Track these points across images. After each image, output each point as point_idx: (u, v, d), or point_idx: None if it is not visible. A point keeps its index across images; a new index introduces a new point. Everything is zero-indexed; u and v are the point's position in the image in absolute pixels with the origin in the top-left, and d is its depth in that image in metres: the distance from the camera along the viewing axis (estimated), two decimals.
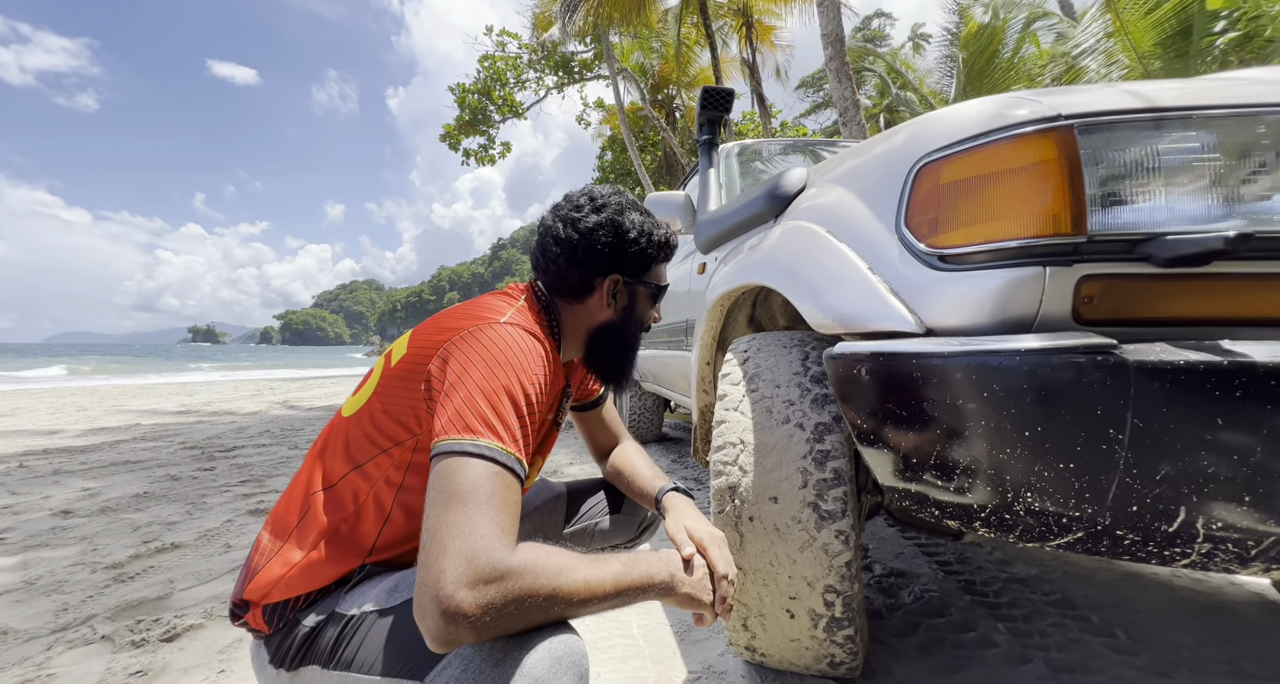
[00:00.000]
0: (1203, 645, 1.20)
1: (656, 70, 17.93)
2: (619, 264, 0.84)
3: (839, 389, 0.79)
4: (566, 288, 0.85)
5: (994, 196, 0.65)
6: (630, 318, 0.89)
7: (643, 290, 0.89)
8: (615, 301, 0.87)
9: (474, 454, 0.57)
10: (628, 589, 0.60)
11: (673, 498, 0.90)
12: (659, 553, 0.68)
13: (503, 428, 0.61)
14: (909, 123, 0.83)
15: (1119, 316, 0.60)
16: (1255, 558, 0.55)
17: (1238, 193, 0.57)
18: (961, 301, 0.66)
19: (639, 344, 0.93)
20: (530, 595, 0.52)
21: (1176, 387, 0.52)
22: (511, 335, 0.70)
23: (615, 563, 0.60)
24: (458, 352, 0.67)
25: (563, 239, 0.82)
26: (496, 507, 0.55)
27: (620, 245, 0.83)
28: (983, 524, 0.66)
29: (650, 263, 0.88)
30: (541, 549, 0.56)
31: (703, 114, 2.08)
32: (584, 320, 0.87)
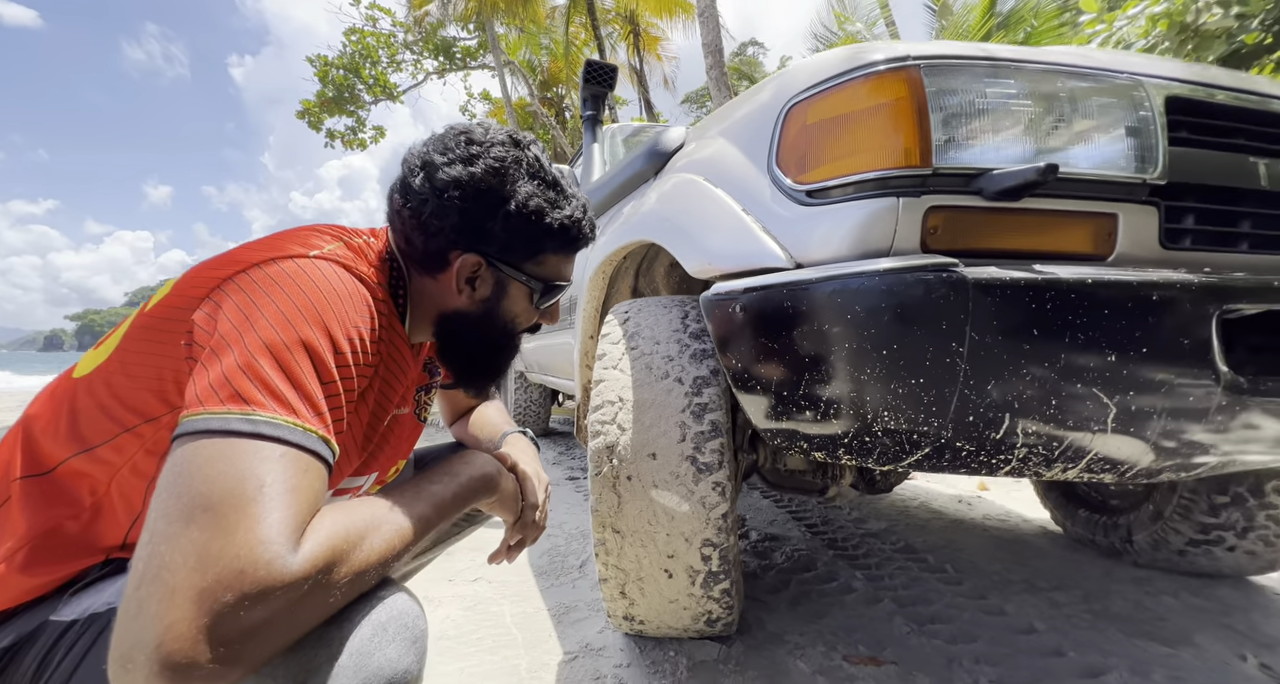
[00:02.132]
0: (1007, 570, 1.41)
1: (546, 68, 17.65)
2: (480, 239, 0.63)
3: (714, 330, 0.77)
4: (414, 253, 0.64)
5: (853, 133, 0.67)
6: (493, 315, 0.67)
7: (516, 284, 0.66)
8: (472, 289, 0.65)
9: (245, 434, 0.40)
10: (454, 505, 0.54)
11: (513, 438, 0.81)
12: (473, 452, 0.64)
13: (300, 398, 0.43)
14: (776, 74, 0.85)
15: (957, 247, 0.65)
16: (1057, 460, 0.62)
17: (1046, 139, 0.65)
18: (827, 236, 0.68)
19: (512, 346, 0.73)
20: (328, 587, 0.40)
21: (1004, 301, 0.56)
22: (322, 272, 0.51)
23: (427, 485, 0.53)
24: (236, 293, 0.48)
25: (413, 190, 0.61)
26: (278, 495, 0.39)
27: (483, 214, 0.61)
28: (845, 451, 0.68)
29: (536, 248, 0.66)
30: (326, 524, 0.42)
31: (586, 88, 2.03)
32: (433, 300, 0.67)
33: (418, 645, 0.45)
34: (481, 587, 1.34)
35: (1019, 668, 0.97)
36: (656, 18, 14.39)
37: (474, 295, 0.66)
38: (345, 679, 0.40)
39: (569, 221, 0.65)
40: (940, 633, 1.09)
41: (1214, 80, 0.73)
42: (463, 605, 1.23)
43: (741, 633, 1.08)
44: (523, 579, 1.39)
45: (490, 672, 0.96)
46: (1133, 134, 0.66)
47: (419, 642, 0.45)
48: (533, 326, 0.73)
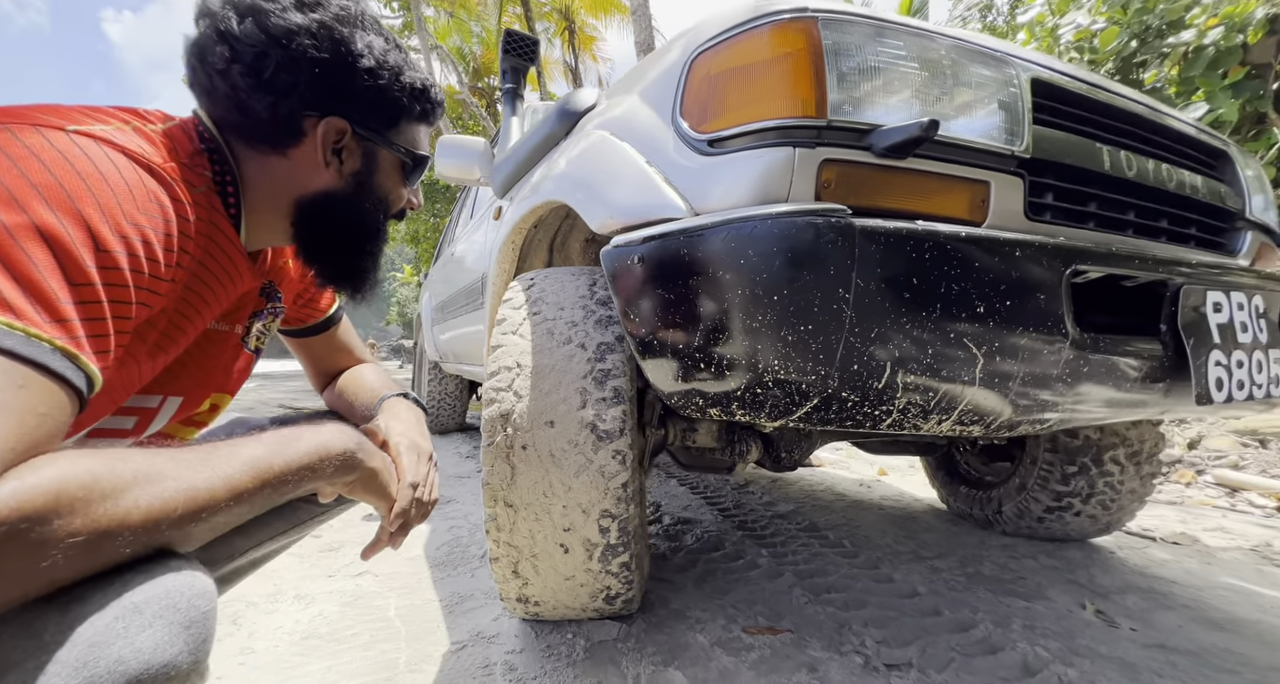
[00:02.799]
0: (897, 543, 1.50)
1: (478, 56, 17.02)
2: (343, 101, 0.55)
3: (614, 285, 0.74)
4: (252, 125, 0.54)
5: (754, 82, 0.66)
6: (366, 191, 0.61)
7: (386, 155, 0.61)
8: (340, 161, 0.58)
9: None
10: (282, 476, 0.43)
11: (391, 403, 0.70)
12: (329, 421, 0.52)
13: (26, 297, 0.34)
14: (687, 28, 0.83)
15: (848, 203, 0.65)
16: (933, 410, 0.64)
17: (933, 106, 0.68)
18: (726, 186, 0.66)
19: (383, 239, 0.66)
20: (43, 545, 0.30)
21: (888, 249, 0.57)
22: (83, 149, 0.40)
23: (251, 446, 0.43)
24: None
25: (240, 39, 0.50)
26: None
27: (344, 70, 0.54)
28: (740, 406, 0.67)
29: (398, 113, 0.60)
30: (68, 459, 0.33)
31: (505, 60, 1.94)
32: (287, 183, 0.58)
33: (194, 632, 0.35)
34: (366, 581, 1.21)
35: (902, 628, 1.02)
36: (591, 16, 14.32)
37: (343, 169, 0.59)
38: (61, 679, 0.30)
39: (425, 83, 0.61)
40: (835, 601, 1.12)
41: (1073, 73, 0.81)
42: (341, 601, 1.10)
43: (644, 612, 1.06)
44: (415, 571, 1.28)
45: (362, 668, 0.86)
46: (1004, 109, 0.71)
47: (197, 627, 0.36)
48: (399, 213, 0.67)
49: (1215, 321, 0.72)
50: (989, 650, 0.95)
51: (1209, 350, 0.71)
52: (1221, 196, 0.95)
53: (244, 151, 0.56)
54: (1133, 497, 1.39)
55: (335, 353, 0.84)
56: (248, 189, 0.57)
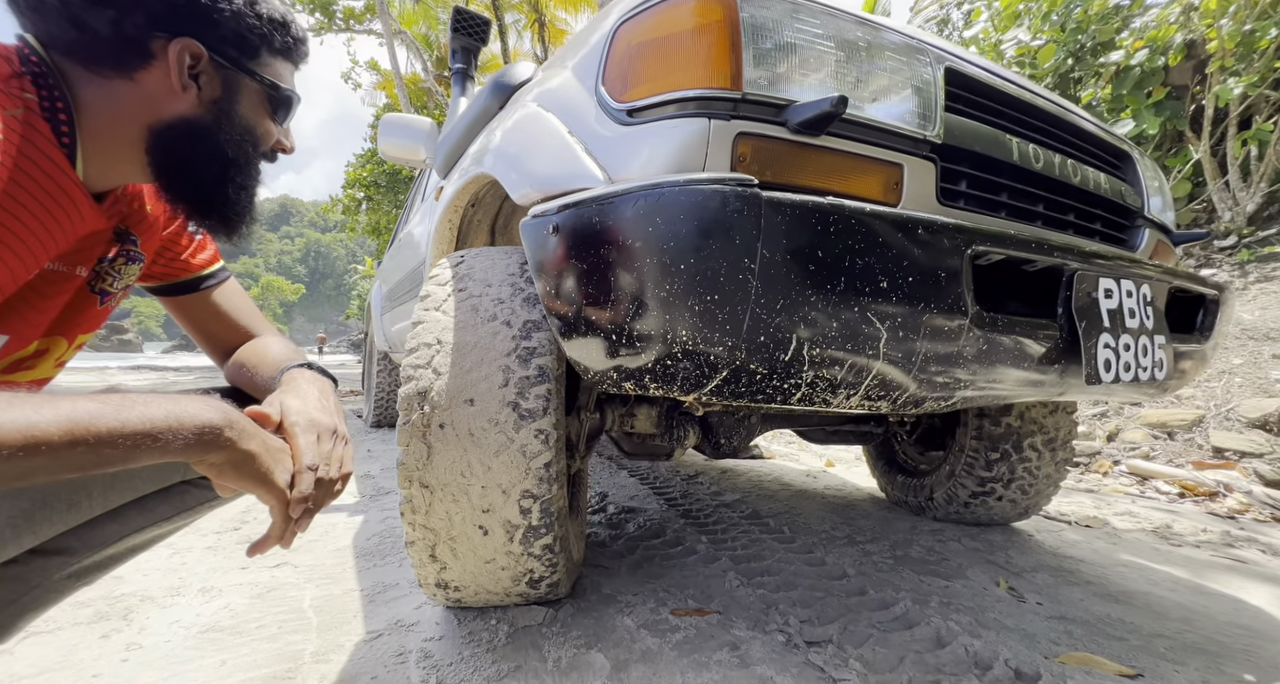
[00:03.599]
0: (834, 529, 1.54)
1: (444, 44, 16.57)
2: (196, 23, 0.54)
3: (532, 258, 0.72)
4: (88, 43, 0.51)
5: (672, 53, 0.66)
6: (232, 120, 0.59)
7: (249, 84, 0.59)
8: (199, 87, 0.56)
9: None
10: (109, 436, 0.39)
11: (292, 375, 0.65)
12: (206, 397, 0.48)
13: None
14: None
15: (764, 180, 0.66)
16: (840, 385, 0.65)
17: (849, 87, 0.69)
18: (644, 158, 0.66)
19: (256, 173, 0.64)
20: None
21: (794, 221, 0.58)
22: None
23: (86, 400, 0.39)
24: None
25: None
26: None
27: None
28: (653, 379, 0.66)
29: (259, 44, 0.59)
30: None
31: (455, 39, 1.89)
32: (135, 109, 0.55)
33: None
34: (284, 572, 1.15)
35: (827, 608, 1.04)
36: (562, 9, 14.15)
37: (202, 95, 0.57)
38: None
39: (285, 16, 0.60)
40: (766, 584, 1.14)
41: (986, 66, 0.84)
42: (252, 593, 1.04)
43: (575, 597, 1.04)
44: (340, 561, 1.22)
45: (261, 660, 0.81)
46: (918, 94, 0.72)
47: None
48: (273, 151, 0.65)
49: (1106, 307, 0.76)
50: (906, 626, 0.98)
51: (1099, 333, 0.74)
52: (1123, 194, 1.00)
53: (80, 75, 0.53)
54: (1048, 481, 1.47)
55: (220, 317, 0.78)
56: (85, 115, 0.53)
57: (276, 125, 0.65)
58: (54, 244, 0.55)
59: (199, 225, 0.66)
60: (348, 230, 17.87)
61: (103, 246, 0.63)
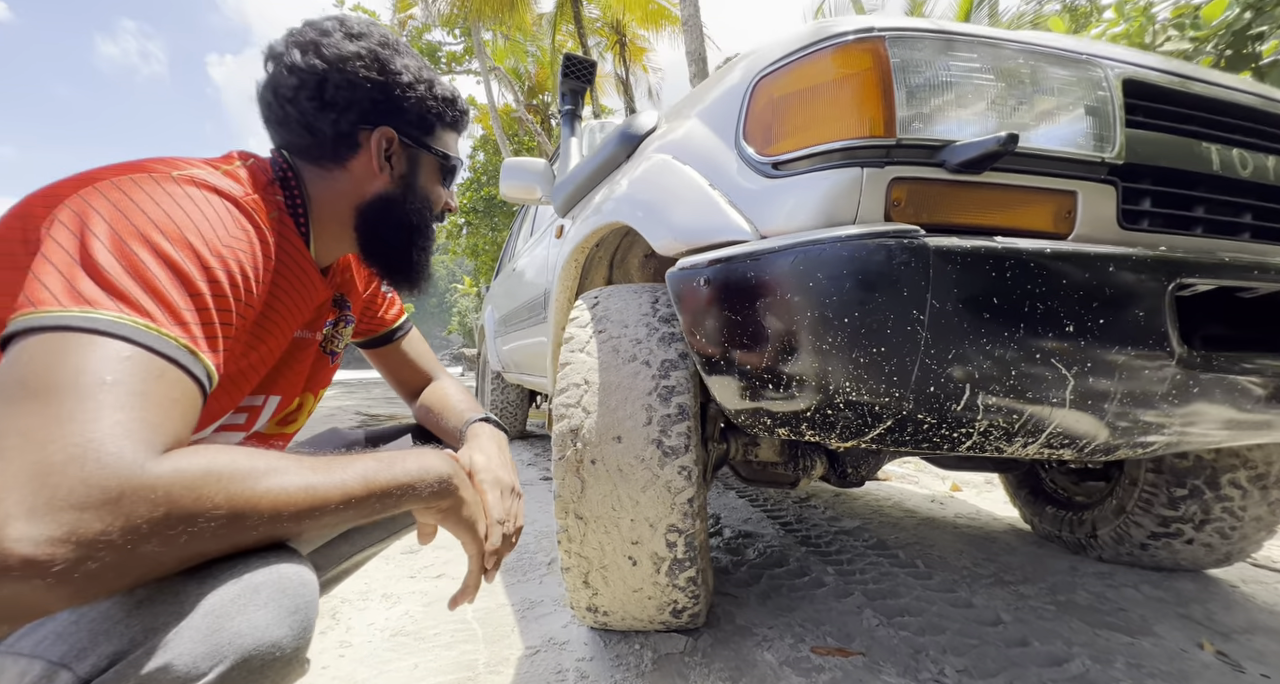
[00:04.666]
0: (976, 565, 1.42)
1: (533, 75, 17.69)
2: (390, 113, 0.64)
3: (680, 307, 0.76)
4: (317, 144, 0.62)
5: (819, 104, 0.67)
6: (413, 191, 0.68)
7: (427, 158, 0.69)
8: (391, 166, 0.66)
9: (87, 330, 0.36)
10: (387, 489, 0.46)
11: (476, 428, 0.75)
12: (431, 449, 0.56)
13: (155, 303, 0.39)
14: (746, 52, 0.84)
15: (921, 221, 0.64)
16: (1017, 433, 0.61)
17: (1008, 115, 0.65)
18: (791, 208, 0.67)
19: (431, 235, 0.73)
20: (193, 515, 0.34)
21: (965, 269, 0.56)
22: (187, 193, 0.47)
23: (366, 460, 0.47)
24: (85, 207, 0.43)
25: (304, 69, 0.59)
26: (126, 396, 0.35)
27: (389, 86, 0.62)
28: (809, 426, 0.67)
29: (434, 122, 0.68)
30: (215, 449, 0.38)
31: (564, 83, 2.02)
32: (347, 193, 0.66)
33: (298, 617, 0.39)
34: (445, 583, 1.29)
35: (985, 658, 0.96)
36: (643, 28, 14.52)
37: (393, 173, 0.66)
38: (189, 643, 0.34)
39: (453, 94, 0.69)
40: (909, 625, 1.08)
41: (1170, 67, 0.75)
42: (423, 601, 1.18)
43: (710, 626, 1.06)
44: None
45: (446, 666, 0.92)
46: (1091, 114, 0.67)
47: (301, 614, 0.40)
48: (441, 213, 0.74)
49: None
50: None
51: None
52: None
53: (310, 171, 0.65)
54: (1258, 524, 1.24)
55: (408, 363, 0.91)
56: (314, 205, 0.65)
57: (445, 190, 0.74)
58: (301, 316, 0.67)
59: (391, 284, 0.77)
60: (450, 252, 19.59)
61: (329, 313, 0.76)
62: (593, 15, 14.28)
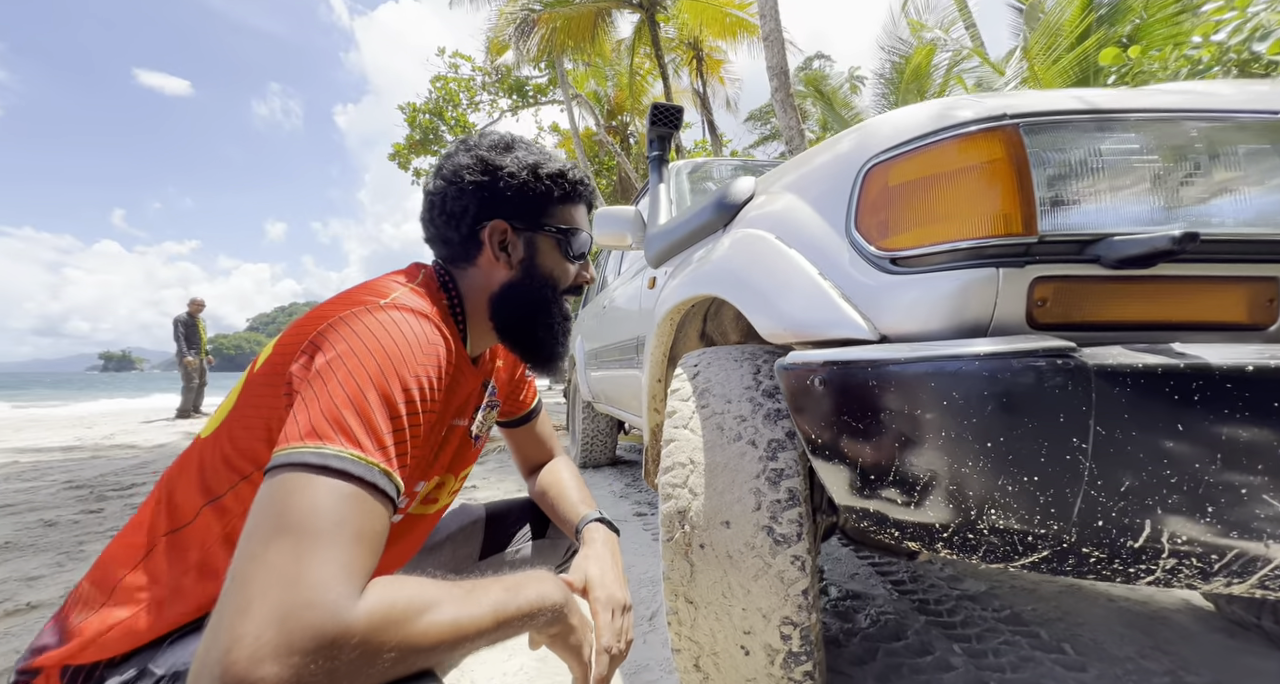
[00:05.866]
0: (1144, 657, 1.21)
1: (611, 97, 18.35)
2: (497, 206, 0.69)
3: (792, 401, 0.74)
4: (454, 250, 0.71)
5: (943, 197, 0.62)
6: (534, 274, 0.73)
7: (543, 238, 0.72)
8: (508, 254, 0.71)
9: (319, 467, 0.44)
10: (511, 619, 0.50)
11: (592, 530, 0.78)
12: (549, 574, 0.59)
13: (366, 433, 0.47)
14: (854, 128, 0.81)
15: (1072, 320, 0.58)
16: (1218, 573, 0.52)
17: (1178, 195, 0.57)
18: (915, 306, 0.63)
19: (563, 311, 0.76)
20: (376, 656, 0.40)
21: (1137, 391, 0.49)
22: (393, 319, 0.56)
23: (496, 588, 0.51)
24: (324, 343, 0.53)
25: (433, 192, 0.70)
26: (346, 540, 0.42)
27: (492, 182, 0.68)
28: (945, 545, 0.62)
29: (543, 202, 0.72)
30: (392, 585, 0.44)
31: (652, 130, 2.07)
32: (482, 287, 0.72)
33: None
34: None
35: None
36: (719, 40, 14.48)
37: (510, 260, 0.72)
38: None
39: (561, 170, 0.72)
40: None
41: None
42: (538, 655, 1.23)
43: None
44: None
45: None
46: None
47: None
48: (575, 287, 0.77)
49: None
50: None
51: None
52: None
53: (459, 274, 0.73)
54: None
55: (535, 442, 0.98)
56: (467, 304, 0.73)
57: (573, 263, 0.76)
58: (455, 407, 0.75)
59: (527, 364, 0.80)
60: None
61: (476, 399, 0.82)
62: (669, 34, 14.52)
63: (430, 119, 16.27)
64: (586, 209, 0.79)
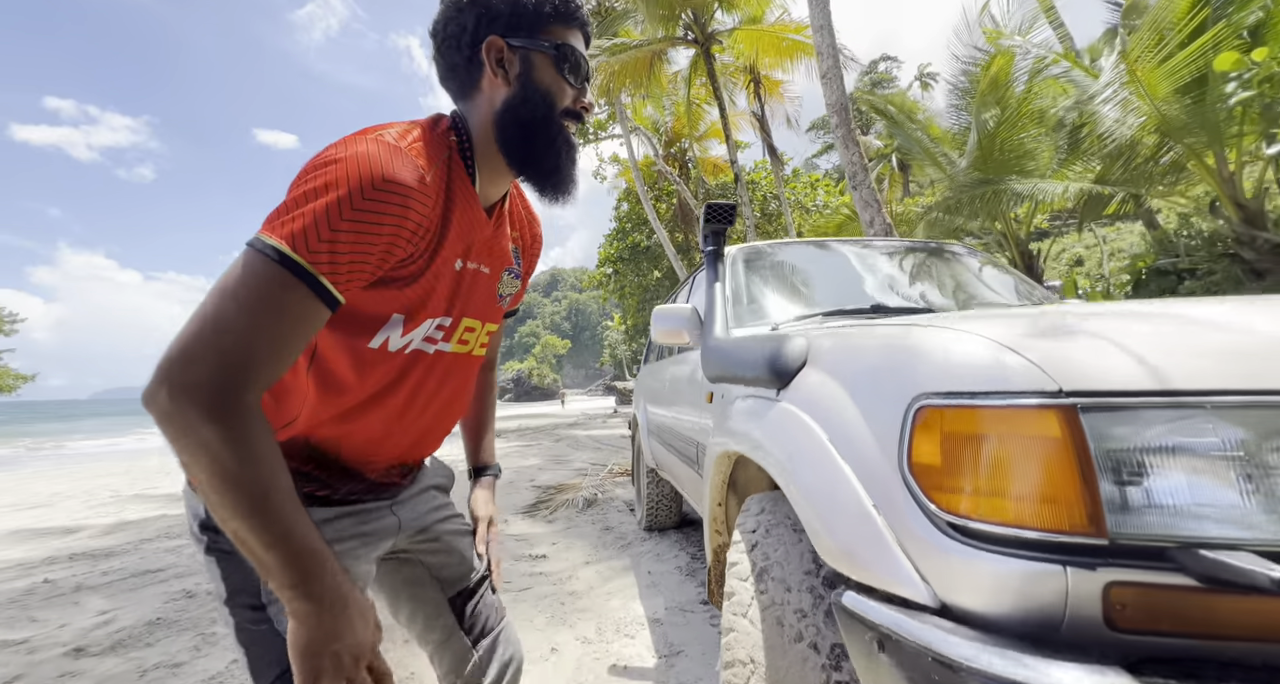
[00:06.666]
0: None
1: (669, 126, 18.72)
2: (492, 23, 0.72)
3: (850, 645, 0.72)
4: (460, 78, 0.75)
5: (999, 470, 0.60)
6: (533, 89, 0.74)
7: (538, 55, 0.74)
8: (505, 71, 0.73)
9: (254, 247, 0.57)
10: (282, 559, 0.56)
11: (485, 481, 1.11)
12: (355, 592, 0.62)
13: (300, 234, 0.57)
14: (902, 336, 0.80)
15: (1161, 628, 0.53)
16: None
17: (1276, 497, 0.51)
18: (978, 582, 0.60)
19: (561, 131, 0.77)
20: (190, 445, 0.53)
21: None
22: (362, 148, 0.62)
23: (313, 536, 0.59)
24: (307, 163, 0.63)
25: (437, 22, 0.75)
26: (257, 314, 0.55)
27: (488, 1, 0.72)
28: None
29: (536, 18, 0.73)
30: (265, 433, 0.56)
31: (706, 227, 2.11)
32: (486, 113, 0.75)
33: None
34: None
35: None
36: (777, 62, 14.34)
37: (509, 76, 0.74)
38: None
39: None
40: None
41: None
42: None
43: None
44: None
45: None
46: None
47: None
48: (574, 113, 0.78)
49: None
50: None
51: None
52: None
53: (467, 109, 0.77)
54: None
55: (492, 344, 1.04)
56: (476, 142, 0.76)
57: (571, 86, 0.77)
58: (461, 243, 0.78)
59: (534, 189, 0.80)
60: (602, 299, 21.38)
61: (496, 251, 0.86)
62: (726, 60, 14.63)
63: None
64: (583, 36, 0.80)
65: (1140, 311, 0.78)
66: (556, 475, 6.00)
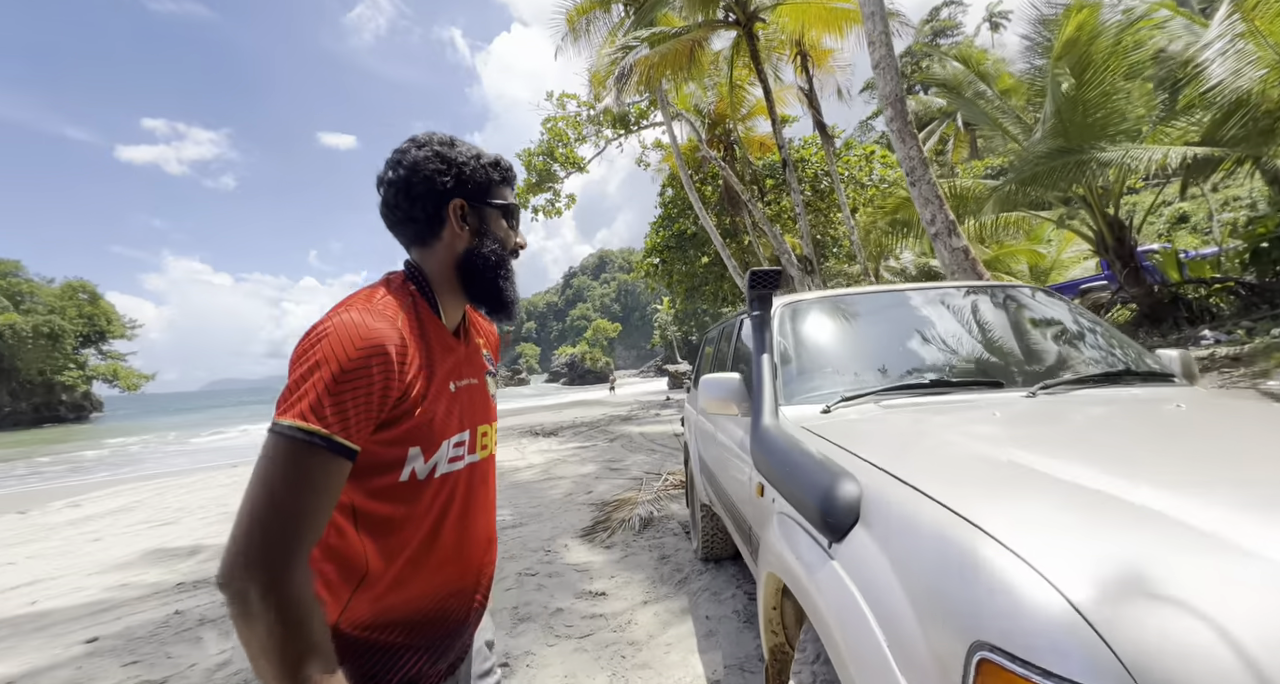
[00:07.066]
0: None
1: (712, 108, 18.11)
2: (457, 188, 0.87)
3: None
4: (419, 228, 0.88)
5: None
6: (488, 238, 0.91)
7: (491, 211, 0.92)
8: (467, 224, 0.89)
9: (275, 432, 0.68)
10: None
11: None
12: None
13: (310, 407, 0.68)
14: (968, 541, 0.75)
15: None
16: None
17: None
18: None
19: (510, 269, 0.95)
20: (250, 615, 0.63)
21: None
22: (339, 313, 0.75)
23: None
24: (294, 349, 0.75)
25: (396, 180, 0.86)
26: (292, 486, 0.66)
27: (448, 170, 0.86)
28: None
29: (489, 184, 0.91)
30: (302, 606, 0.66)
31: (752, 292, 2.06)
32: (446, 259, 0.90)
33: None
34: None
35: None
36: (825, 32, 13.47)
37: (469, 229, 0.90)
38: None
39: (496, 159, 0.93)
40: None
41: None
42: None
43: None
44: None
45: None
46: None
47: None
48: (515, 251, 0.97)
49: None
50: None
51: None
52: None
53: (423, 255, 0.90)
54: None
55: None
56: (434, 281, 0.91)
57: (514, 232, 0.97)
58: (447, 371, 0.90)
59: (490, 314, 0.97)
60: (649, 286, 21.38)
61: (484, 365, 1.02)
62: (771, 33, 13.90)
63: (544, 162, 17.48)
64: (510, 187, 0.98)
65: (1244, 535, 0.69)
66: (613, 486, 6.02)
